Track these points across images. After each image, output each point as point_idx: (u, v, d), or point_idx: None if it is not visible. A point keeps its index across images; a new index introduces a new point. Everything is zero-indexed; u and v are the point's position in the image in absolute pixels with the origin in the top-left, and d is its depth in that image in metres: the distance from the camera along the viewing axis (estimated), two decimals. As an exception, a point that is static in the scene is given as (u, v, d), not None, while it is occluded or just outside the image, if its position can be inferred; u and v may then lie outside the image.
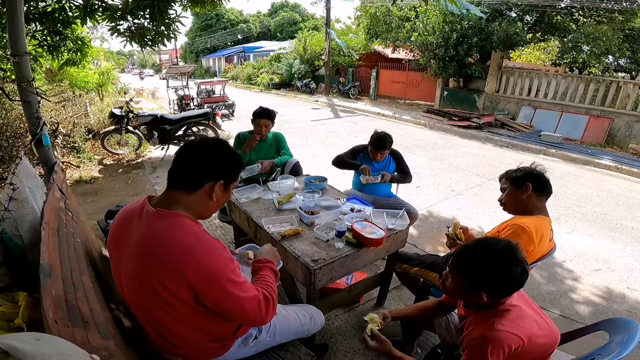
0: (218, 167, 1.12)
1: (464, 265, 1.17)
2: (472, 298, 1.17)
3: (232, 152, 1.16)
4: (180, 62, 35.45)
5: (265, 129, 2.84)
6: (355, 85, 14.60)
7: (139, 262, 1.04)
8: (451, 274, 1.23)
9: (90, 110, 7.00)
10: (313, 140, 7.35)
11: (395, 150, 2.84)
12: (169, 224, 1.03)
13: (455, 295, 1.29)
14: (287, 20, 35.85)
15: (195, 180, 1.09)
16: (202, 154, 1.11)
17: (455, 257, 1.22)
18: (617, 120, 7.74)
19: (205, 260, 1.00)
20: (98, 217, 3.20)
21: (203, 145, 1.13)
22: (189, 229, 1.04)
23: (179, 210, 1.07)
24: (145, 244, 1.03)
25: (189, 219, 1.07)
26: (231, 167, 1.15)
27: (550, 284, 2.77)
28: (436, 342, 1.88)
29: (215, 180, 1.10)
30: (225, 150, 1.15)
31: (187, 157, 1.10)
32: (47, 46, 3.69)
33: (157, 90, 15.38)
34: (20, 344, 0.71)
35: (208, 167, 1.10)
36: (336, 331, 2.10)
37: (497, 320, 1.10)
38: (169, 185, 1.11)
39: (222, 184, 1.12)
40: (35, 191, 1.72)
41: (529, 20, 10.55)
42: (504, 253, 1.11)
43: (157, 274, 1.00)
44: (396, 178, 2.80)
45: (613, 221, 3.88)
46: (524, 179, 1.67)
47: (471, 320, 1.21)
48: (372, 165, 2.78)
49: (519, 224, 1.59)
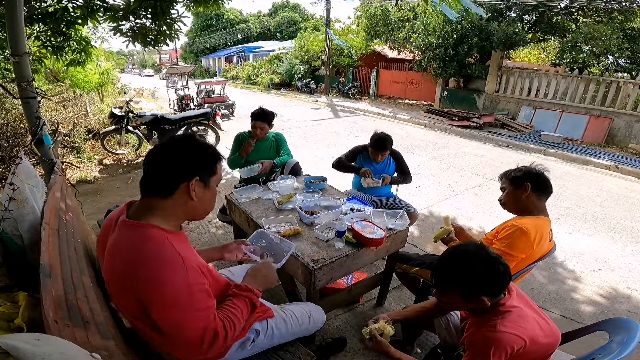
0: (188, 164, 1.03)
1: (450, 279, 1.16)
2: (474, 306, 1.17)
3: (201, 145, 1.07)
4: (180, 62, 35.46)
5: (260, 131, 2.82)
6: (355, 85, 14.60)
7: (108, 272, 1.03)
8: (440, 292, 1.21)
9: (90, 110, 6.99)
10: (313, 140, 7.35)
11: (395, 150, 2.84)
12: (132, 234, 0.98)
13: (457, 308, 1.29)
14: (287, 20, 35.84)
15: (167, 184, 1.01)
16: (168, 154, 1.03)
17: (436, 276, 1.21)
18: (617, 120, 7.74)
19: (156, 275, 0.92)
20: (98, 217, 3.21)
21: (168, 145, 1.05)
22: (150, 241, 0.96)
23: (151, 220, 1.00)
24: (110, 255, 1.01)
25: (158, 230, 0.99)
26: (203, 161, 1.06)
27: (550, 284, 2.77)
28: (436, 342, 1.88)
29: (190, 178, 1.02)
30: (193, 145, 1.06)
31: (154, 160, 1.03)
32: (51, 47, 3.69)
33: (157, 90, 15.38)
34: (21, 344, 0.71)
35: (178, 167, 1.02)
36: (336, 331, 2.10)
37: (499, 322, 1.10)
38: (142, 193, 1.04)
39: (198, 180, 1.03)
40: (35, 191, 1.72)
41: (529, 20, 10.55)
42: (479, 254, 1.14)
43: (117, 286, 1.00)
44: (396, 179, 2.80)
45: (613, 221, 3.88)
46: (522, 178, 1.66)
47: (472, 322, 1.22)
48: (373, 166, 2.77)
49: (517, 225, 1.59)
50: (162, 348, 1.13)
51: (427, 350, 1.93)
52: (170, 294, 0.93)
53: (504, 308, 1.14)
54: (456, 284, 1.15)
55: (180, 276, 0.94)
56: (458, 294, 1.16)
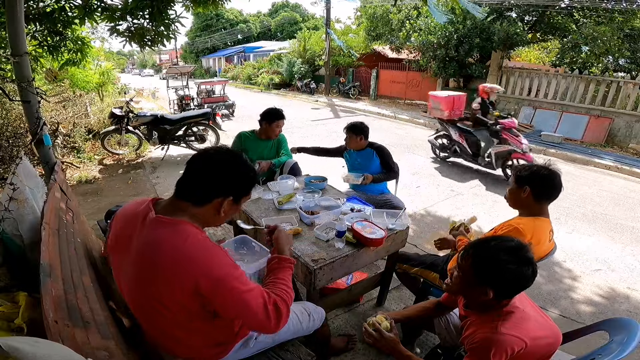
0: (230, 184, 1.07)
1: (476, 259, 1.14)
2: (476, 295, 1.15)
3: (246, 168, 1.11)
4: (180, 62, 35.46)
5: (279, 129, 2.92)
6: (355, 85, 14.59)
7: (140, 269, 1.02)
8: (460, 267, 1.19)
9: (90, 110, 6.99)
10: (313, 140, 7.34)
11: (381, 145, 2.82)
12: (170, 231, 1.00)
13: (459, 291, 1.25)
14: (287, 20, 35.85)
15: (203, 196, 1.05)
16: (214, 169, 1.05)
17: (467, 250, 1.18)
18: (617, 120, 7.74)
19: (210, 266, 0.98)
20: (98, 217, 3.20)
21: (216, 160, 1.07)
22: (190, 236, 1.00)
23: (183, 218, 1.04)
24: (146, 252, 1.01)
25: (192, 226, 1.03)
26: (244, 184, 1.11)
27: (550, 283, 2.77)
28: (436, 342, 1.88)
29: (225, 196, 1.06)
30: (239, 166, 1.09)
31: (199, 170, 1.06)
32: (47, 46, 3.69)
33: (157, 90, 15.38)
34: (21, 345, 0.71)
35: (219, 184, 1.06)
36: (336, 331, 2.10)
37: (500, 324, 1.10)
38: (176, 194, 1.07)
39: (232, 200, 1.08)
40: (35, 191, 1.72)
41: (529, 21, 10.55)
42: (517, 251, 1.10)
43: (160, 283, 0.98)
44: (377, 178, 2.71)
45: (613, 221, 3.88)
46: (525, 180, 1.62)
47: (472, 321, 1.21)
48: (354, 158, 2.84)
49: (514, 225, 1.59)
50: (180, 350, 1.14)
51: (427, 350, 1.93)
52: (230, 279, 0.99)
53: (506, 309, 1.13)
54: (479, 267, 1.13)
55: (228, 260, 1.03)
56: (472, 277, 1.14)
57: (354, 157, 2.85)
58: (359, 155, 2.82)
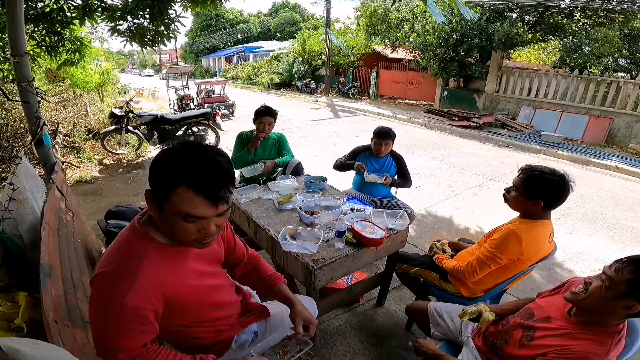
0: (153, 174, 0.89)
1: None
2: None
3: (170, 158, 0.89)
4: (180, 62, 35.48)
5: (268, 127, 2.85)
6: (355, 85, 14.60)
7: None
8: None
9: (90, 110, 6.99)
10: (313, 140, 7.35)
11: (398, 154, 2.87)
12: (117, 238, 0.94)
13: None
14: (287, 20, 35.85)
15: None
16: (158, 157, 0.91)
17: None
18: (617, 120, 7.74)
19: (99, 287, 0.85)
20: (98, 217, 3.20)
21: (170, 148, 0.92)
22: (122, 247, 0.91)
23: (149, 228, 0.94)
24: None
25: (144, 240, 0.92)
26: (160, 176, 0.88)
27: (550, 284, 2.76)
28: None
29: (150, 187, 0.90)
30: (170, 155, 0.89)
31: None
32: (45, 46, 3.68)
33: (157, 90, 15.38)
34: (21, 347, 0.71)
35: (151, 174, 0.90)
36: (336, 331, 2.10)
37: (613, 343, 1.09)
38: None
39: (149, 192, 0.90)
40: (35, 191, 1.72)
41: (529, 21, 10.55)
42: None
43: None
44: (397, 183, 2.80)
45: (613, 221, 3.88)
46: (538, 193, 1.53)
47: (574, 335, 1.16)
48: (373, 165, 2.78)
49: (512, 229, 1.59)
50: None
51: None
52: (99, 305, 0.84)
53: (619, 328, 1.13)
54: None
55: (121, 290, 0.84)
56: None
57: (372, 162, 2.84)
58: (376, 161, 2.82)
